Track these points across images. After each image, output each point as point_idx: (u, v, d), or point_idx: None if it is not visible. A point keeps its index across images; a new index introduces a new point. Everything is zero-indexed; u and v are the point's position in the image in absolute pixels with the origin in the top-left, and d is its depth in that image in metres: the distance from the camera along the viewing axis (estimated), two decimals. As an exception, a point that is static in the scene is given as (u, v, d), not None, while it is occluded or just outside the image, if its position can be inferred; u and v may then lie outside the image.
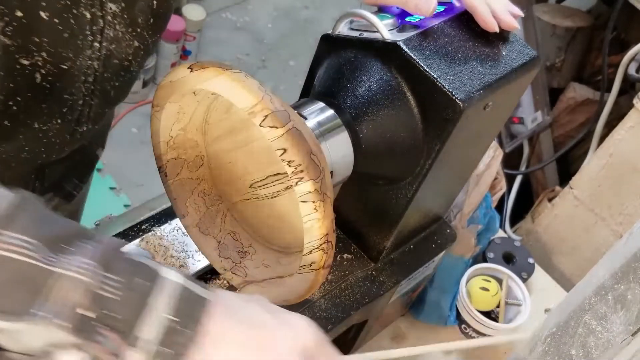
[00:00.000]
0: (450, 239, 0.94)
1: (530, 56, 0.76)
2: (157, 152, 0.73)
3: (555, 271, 1.44)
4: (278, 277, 0.69)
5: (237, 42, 2.66)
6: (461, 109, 0.68)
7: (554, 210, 1.48)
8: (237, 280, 0.74)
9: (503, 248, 1.17)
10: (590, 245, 1.42)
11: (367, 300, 0.84)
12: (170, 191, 0.75)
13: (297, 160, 0.58)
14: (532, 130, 1.73)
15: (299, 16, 2.86)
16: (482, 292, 1.06)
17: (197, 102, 0.67)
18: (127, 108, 2.30)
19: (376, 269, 0.87)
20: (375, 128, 0.71)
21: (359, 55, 0.72)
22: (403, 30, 0.72)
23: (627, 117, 1.29)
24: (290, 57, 2.68)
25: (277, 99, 0.60)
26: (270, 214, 0.68)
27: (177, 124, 0.70)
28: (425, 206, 0.85)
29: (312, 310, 0.82)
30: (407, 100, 0.71)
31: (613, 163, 1.32)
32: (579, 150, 1.73)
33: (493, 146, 1.06)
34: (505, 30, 0.75)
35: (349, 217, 0.87)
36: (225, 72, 0.60)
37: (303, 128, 0.60)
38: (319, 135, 0.68)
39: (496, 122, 0.82)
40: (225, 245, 0.74)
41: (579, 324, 0.56)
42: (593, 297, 0.56)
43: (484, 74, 0.71)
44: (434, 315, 1.07)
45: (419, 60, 0.69)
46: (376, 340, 1.06)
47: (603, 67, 1.58)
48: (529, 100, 1.70)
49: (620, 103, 1.52)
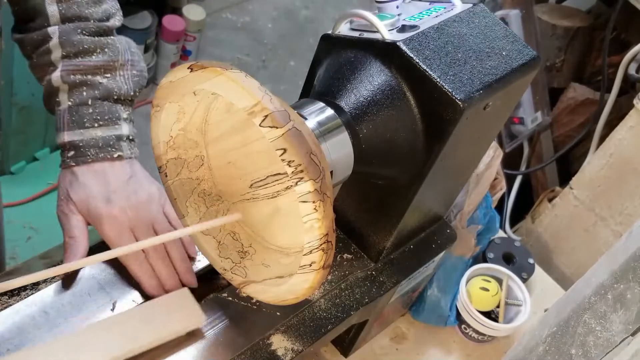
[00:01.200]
0: (450, 239, 0.94)
1: (530, 56, 0.76)
2: (157, 152, 0.73)
3: (555, 271, 1.44)
4: (278, 277, 0.69)
5: (237, 42, 2.66)
6: (461, 109, 0.68)
7: (554, 211, 1.48)
8: (237, 280, 0.74)
9: (503, 248, 1.17)
10: (590, 245, 1.42)
11: (367, 300, 0.84)
12: (170, 191, 0.75)
13: (297, 160, 0.58)
14: (532, 130, 1.73)
15: (299, 16, 2.86)
16: (482, 292, 1.06)
17: (197, 102, 0.67)
18: (127, 108, 2.30)
19: (376, 269, 0.87)
20: (375, 128, 0.71)
21: (359, 55, 0.73)
22: (403, 30, 0.72)
23: (627, 117, 1.29)
24: (290, 57, 2.68)
25: (277, 99, 0.60)
26: (270, 214, 0.68)
27: (177, 124, 0.70)
28: (425, 206, 0.85)
29: (312, 310, 0.82)
30: (407, 100, 0.71)
31: (613, 163, 1.32)
32: (579, 150, 1.73)
33: (493, 146, 1.06)
34: (506, 29, 0.75)
35: (349, 217, 0.87)
36: (225, 72, 0.60)
37: (303, 128, 0.60)
38: (319, 135, 0.68)
39: (496, 122, 0.82)
40: (225, 245, 0.74)
41: (579, 323, 0.56)
42: (593, 297, 0.56)
43: (484, 74, 0.71)
44: (434, 315, 1.07)
45: (419, 60, 0.69)
46: (376, 340, 1.06)
47: (603, 67, 1.58)
48: (529, 100, 1.70)
49: (620, 103, 1.52)
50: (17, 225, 1.94)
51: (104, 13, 0.82)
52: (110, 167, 0.79)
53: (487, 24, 0.76)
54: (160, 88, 0.68)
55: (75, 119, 0.79)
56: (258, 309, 0.80)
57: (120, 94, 0.81)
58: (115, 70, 0.82)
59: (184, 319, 0.76)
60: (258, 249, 0.72)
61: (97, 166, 0.79)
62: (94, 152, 0.78)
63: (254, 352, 0.77)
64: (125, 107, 0.82)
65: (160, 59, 2.34)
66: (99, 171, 0.79)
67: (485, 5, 0.79)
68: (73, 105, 0.79)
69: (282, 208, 0.66)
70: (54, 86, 0.80)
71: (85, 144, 0.78)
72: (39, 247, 1.85)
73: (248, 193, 0.69)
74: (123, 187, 0.79)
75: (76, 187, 0.78)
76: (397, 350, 1.06)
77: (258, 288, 0.72)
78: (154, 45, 2.28)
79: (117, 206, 0.77)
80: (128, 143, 0.81)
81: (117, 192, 0.78)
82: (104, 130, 0.79)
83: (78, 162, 0.78)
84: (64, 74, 0.79)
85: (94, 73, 0.80)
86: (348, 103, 0.71)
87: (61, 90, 0.80)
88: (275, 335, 0.79)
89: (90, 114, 0.79)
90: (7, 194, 1.98)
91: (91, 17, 0.81)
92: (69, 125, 0.79)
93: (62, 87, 0.80)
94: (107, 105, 0.80)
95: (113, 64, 0.81)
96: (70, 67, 0.79)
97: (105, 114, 0.80)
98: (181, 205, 0.75)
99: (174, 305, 0.76)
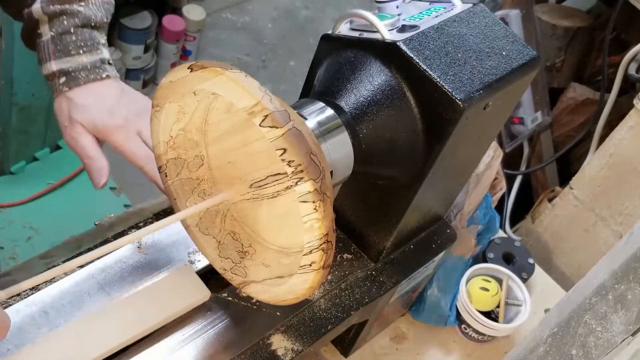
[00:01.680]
0: (450, 239, 0.94)
1: (530, 56, 0.76)
2: (157, 152, 0.73)
3: (555, 271, 1.44)
4: (278, 277, 0.69)
5: (237, 42, 2.66)
6: (461, 109, 0.68)
7: (554, 211, 1.48)
8: (237, 280, 0.74)
9: (503, 248, 1.17)
10: (590, 245, 1.42)
11: (367, 300, 0.84)
12: (170, 191, 0.75)
13: (297, 160, 0.58)
14: (532, 130, 1.73)
15: (299, 16, 2.86)
16: (482, 292, 1.06)
17: (197, 102, 0.67)
18: (127, 108, 2.30)
19: (376, 269, 0.87)
20: (375, 128, 0.71)
21: (359, 55, 0.73)
22: (403, 30, 0.72)
23: (627, 117, 1.29)
24: (290, 57, 2.68)
25: (277, 99, 0.60)
26: (270, 214, 0.68)
27: (177, 124, 0.70)
28: (425, 206, 0.85)
29: (312, 310, 0.82)
30: (407, 100, 0.71)
31: (613, 163, 1.32)
32: (579, 150, 1.73)
33: (493, 146, 1.06)
34: (506, 29, 0.75)
35: (349, 217, 0.87)
36: (225, 72, 0.60)
37: (303, 128, 0.60)
38: (319, 135, 0.68)
39: (496, 122, 0.82)
40: (225, 245, 0.74)
41: (580, 323, 0.56)
42: (593, 297, 0.56)
43: (484, 74, 0.71)
44: (434, 315, 1.07)
45: (419, 60, 0.69)
46: (376, 340, 1.06)
47: (603, 67, 1.58)
48: (529, 100, 1.70)
49: (620, 103, 1.52)
50: (17, 225, 1.94)
51: None
52: (102, 86, 0.83)
53: (487, 24, 0.76)
54: (160, 88, 0.68)
55: (60, 48, 0.82)
56: (258, 309, 0.80)
57: (97, 21, 0.84)
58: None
59: (189, 295, 0.77)
60: (258, 249, 0.72)
61: (90, 87, 0.82)
62: (85, 75, 0.82)
63: (254, 352, 0.77)
64: (101, 33, 0.86)
65: (160, 59, 2.34)
66: (94, 91, 0.83)
67: (485, 5, 0.79)
68: (56, 34, 0.82)
69: (282, 208, 0.66)
70: (34, 18, 0.82)
71: (74, 69, 0.82)
72: (39, 247, 1.85)
73: (248, 193, 0.69)
74: (119, 100, 0.83)
75: (77, 109, 0.82)
76: (397, 350, 1.06)
77: (258, 288, 0.72)
78: (154, 45, 2.28)
79: (120, 116, 0.81)
80: (110, 65, 0.86)
81: (116, 105, 0.82)
82: (88, 56, 0.83)
83: (71, 86, 0.82)
84: (43, 5, 0.82)
85: (70, 2, 0.83)
86: (348, 103, 0.71)
87: (41, 21, 0.82)
88: (275, 335, 0.79)
89: (75, 42, 0.82)
90: (7, 194, 1.98)
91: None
92: (55, 55, 0.82)
93: (42, 18, 0.82)
94: (88, 32, 0.83)
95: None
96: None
97: (87, 40, 0.83)
98: (181, 205, 0.75)
99: (178, 282, 0.78)
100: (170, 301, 0.76)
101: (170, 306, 0.76)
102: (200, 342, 0.76)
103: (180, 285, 0.78)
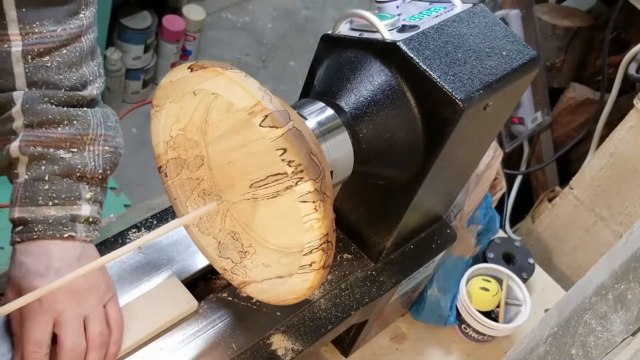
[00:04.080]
0: (450, 239, 0.94)
1: (530, 56, 0.76)
2: (157, 152, 0.73)
3: (555, 271, 1.44)
4: (278, 277, 0.69)
5: (237, 42, 2.66)
6: (461, 109, 0.68)
7: (554, 211, 1.48)
8: (237, 280, 0.74)
9: (503, 248, 1.17)
10: (590, 245, 1.42)
11: (367, 300, 0.84)
12: (170, 191, 0.75)
13: (297, 160, 0.58)
14: (532, 130, 1.73)
15: (299, 16, 2.86)
16: (482, 292, 1.06)
17: (197, 102, 0.67)
18: (127, 108, 2.30)
19: (376, 269, 0.87)
20: (375, 128, 0.71)
21: (359, 55, 0.73)
22: (403, 30, 0.72)
23: (627, 117, 1.29)
24: (290, 57, 2.68)
25: (277, 99, 0.60)
26: (270, 214, 0.68)
27: (177, 124, 0.70)
28: (425, 206, 0.85)
29: (312, 310, 0.82)
30: (407, 100, 0.71)
31: (613, 163, 1.32)
32: (579, 150, 1.73)
33: (493, 146, 1.06)
34: (506, 29, 0.75)
35: (349, 217, 0.87)
36: (225, 72, 0.60)
37: (303, 128, 0.60)
38: (319, 135, 0.68)
39: (496, 122, 0.82)
40: (225, 245, 0.74)
41: (580, 323, 0.56)
42: (593, 297, 0.56)
43: (484, 74, 0.71)
44: (434, 315, 1.07)
45: (419, 60, 0.69)
46: (376, 340, 1.06)
47: (603, 67, 1.58)
48: (529, 100, 1.70)
49: (620, 103, 1.52)
50: (17, 225, 1.94)
51: (79, 80, 0.75)
52: (56, 245, 0.71)
53: (487, 24, 0.76)
54: (160, 88, 0.68)
55: (28, 195, 0.72)
56: (258, 309, 0.80)
57: (85, 171, 0.74)
58: (83, 145, 0.74)
59: (177, 305, 0.77)
60: (258, 249, 0.72)
61: (41, 243, 0.71)
62: (42, 229, 0.71)
63: (254, 352, 0.77)
64: (91, 185, 0.75)
65: (160, 59, 2.34)
66: (42, 249, 0.71)
67: (485, 5, 0.79)
68: (29, 179, 0.72)
69: (282, 208, 0.66)
70: (12, 157, 0.73)
71: (33, 220, 0.71)
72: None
73: (248, 193, 0.69)
74: (65, 269, 0.70)
75: (13, 265, 0.72)
76: (397, 350, 1.06)
77: (258, 288, 0.72)
78: (154, 45, 2.28)
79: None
80: (86, 225, 0.74)
81: (55, 271, 0.70)
82: (58, 209, 0.72)
83: (23, 239, 0.71)
84: (22, 145, 0.72)
85: (56, 146, 0.73)
86: (348, 103, 0.71)
87: (20, 162, 0.73)
88: (275, 335, 0.79)
89: (46, 191, 0.72)
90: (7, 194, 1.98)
91: (61, 85, 0.73)
92: (22, 201, 0.72)
93: (21, 158, 0.73)
94: (67, 183, 0.73)
95: (81, 138, 0.74)
96: (30, 137, 0.72)
97: (62, 192, 0.72)
98: (181, 205, 0.75)
99: (165, 294, 0.77)
100: (157, 314, 0.76)
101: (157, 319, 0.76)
102: (201, 342, 0.76)
103: (167, 297, 0.77)
